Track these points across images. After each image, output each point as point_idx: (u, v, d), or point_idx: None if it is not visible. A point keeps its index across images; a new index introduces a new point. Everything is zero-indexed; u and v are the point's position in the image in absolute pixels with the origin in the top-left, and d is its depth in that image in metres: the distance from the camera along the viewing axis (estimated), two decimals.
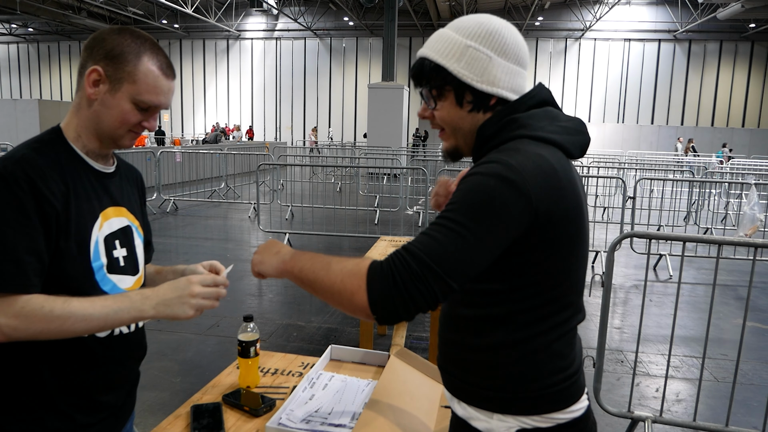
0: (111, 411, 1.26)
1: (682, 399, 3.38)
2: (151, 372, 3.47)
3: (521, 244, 0.95)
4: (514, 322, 1.01)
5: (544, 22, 28.40)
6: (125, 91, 1.13)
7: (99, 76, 1.12)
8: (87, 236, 1.14)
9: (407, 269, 0.90)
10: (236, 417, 1.41)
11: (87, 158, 1.19)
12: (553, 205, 0.94)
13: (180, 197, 10.80)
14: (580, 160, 14.16)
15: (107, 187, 1.22)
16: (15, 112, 17.96)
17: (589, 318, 4.73)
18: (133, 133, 1.19)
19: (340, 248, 7.35)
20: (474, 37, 1.03)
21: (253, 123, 32.16)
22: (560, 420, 1.03)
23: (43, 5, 25.27)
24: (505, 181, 0.91)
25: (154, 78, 1.14)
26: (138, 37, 1.15)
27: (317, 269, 1.00)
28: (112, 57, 1.12)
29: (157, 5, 27.62)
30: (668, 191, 9.56)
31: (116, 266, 1.21)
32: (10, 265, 1.02)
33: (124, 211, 1.27)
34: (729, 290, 5.80)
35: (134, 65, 1.12)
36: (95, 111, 1.14)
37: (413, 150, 17.50)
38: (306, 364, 1.75)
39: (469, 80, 1.02)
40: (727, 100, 28.30)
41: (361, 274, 0.94)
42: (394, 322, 0.93)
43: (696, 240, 2.84)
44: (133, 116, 1.15)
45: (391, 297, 0.91)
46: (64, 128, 1.18)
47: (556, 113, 1.06)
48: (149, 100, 1.15)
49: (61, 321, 1.05)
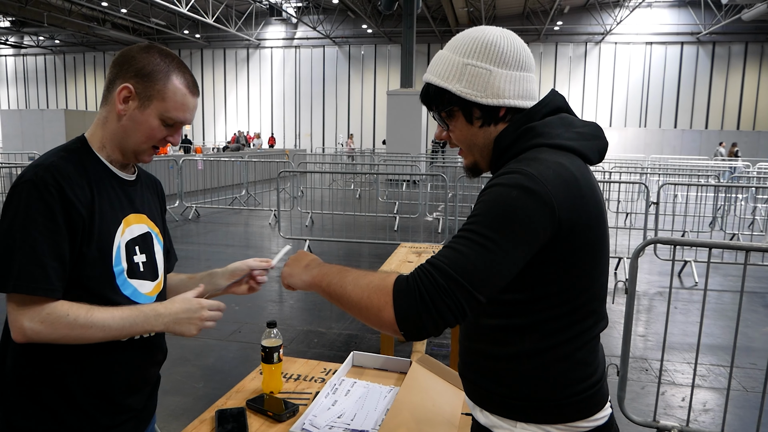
0: (133, 413, 1.29)
1: (709, 409, 3.30)
2: (174, 377, 3.51)
3: (545, 253, 0.95)
4: (537, 332, 1.00)
5: (564, 27, 28.20)
6: (154, 108, 1.18)
7: (129, 93, 1.17)
8: (110, 241, 1.18)
9: (433, 284, 0.89)
10: (260, 422, 1.43)
11: (111, 166, 1.23)
12: (576, 213, 0.94)
13: (202, 204, 10.94)
14: (601, 166, 14.03)
15: (129, 194, 1.27)
16: (42, 121, 18.42)
17: (612, 325, 4.66)
18: (154, 149, 1.24)
19: (359, 255, 7.37)
20: (470, 54, 1.03)
21: (272, 130, 32.49)
22: (584, 428, 1.02)
23: (69, 18, 25.93)
24: (527, 192, 0.91)
25: (182, 96, 1.20)
26: (166, 56, 1.20)
27: (344, 284, 1.00)
28: (142, 75, 1.17)
29: (179, 16, 28.12)
30: (693, 196, 9.38)
31: (136, 271, 1.25)
32: (38, 270, 1.06)
33: (145, 218, 1.30)
34: (757, 297, 5.67)
35: (163, 84, 1.18)
36: (123, 126, 1.19)
37: (432, 156, 17.48)
38: (328, 370, 1.76)
39: (473, 98, 1.03)
40: (753, 102, 27.72)
41: (387, 290, 0.93)
42: (421, 337, 0.91)
43: (722, 246, 2.78)
44: (159, 132, 1.21)
45: (418, 312, 0.89)
46: (89, 138, 1.23)
47: (571, 119, 1.05)
48: (176, 117, 1.20)
49: (83, 330, 1.10)
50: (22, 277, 1.05)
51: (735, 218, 9.05)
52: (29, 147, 17.78)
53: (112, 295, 1.18)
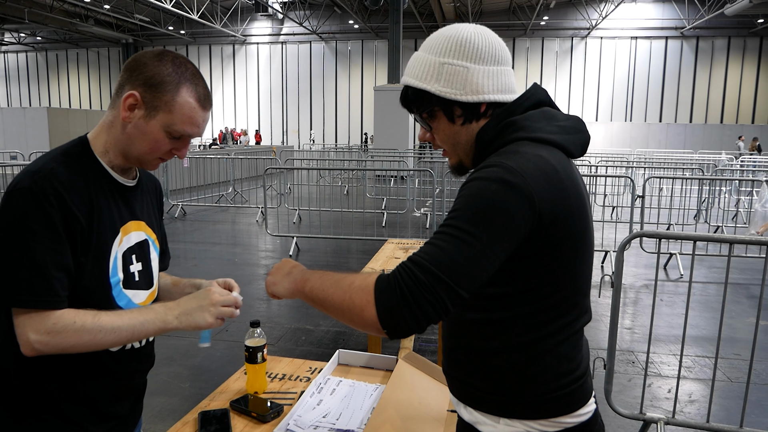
0: (119, 420, 1.26)
1: (695, 400, 3.34)
2: (160, 378, 3.47)
3: (526, 247, 0.94)
4: (520, 326, 1.00)
5: (550, 22, 28.31)
6: (160, 119, 1.12)
7: (136, 101, 1.11)
8: (107, 252, 1.15)
9: (414, 281, 0.88)
10: (244, 423, 1.41)
11: (112, 172, 1.19)
12: (557, 206, 0.93)
13: (188, 202, 10.85)
14: (587, 160, 14.09)
15: (129, 200, 1.23)
16: (24, 119, 18.14)
17: (599, 319, 4.69)
18: (160, 159, 1.19)
19: (348, 251, 7.35)
20: (445, 53, 1.02)
21: (259, 127, 32.31)
22: (568, 424, 1.02)
23: (50, 14, 25.52)
24: (506, 185, 0.90)
25: (191, 109, 1.14)
26: (179, 65, 1.14)
27: (326, 287, 1.00)
28: (151, 84, 1.11)
29: (163, 12, 27.80)
30: (678, 189, 9.47)
31: (132, 281, 1.22)
32: (41, 282, 1.02)
33: (143, 225, 1.27)
34: (741, 289, 5.74)
35: (172, 95, 1.12)
36: (128, 134, 1.14)
37: (420, 152, 17.48)
38: (314, 369, 1.74)
39: (453, 96, 1.02)
40: (736, 96, 28.07)
41: (368, 289, 0.92)
42: (405, 335, 0.91)
43: (707, 239, 2.80)
44: (164, 144, 1.15)
45: (400, 310, 0.88)
46: (91, 141, 1.17)
47: (553, 113, 1.05)
48: (183, 130, 1.14)
49: (91, 335, 1.07)
50: (24, 291, 1.01)
51: (719, 211, 9.15)
52: (11, 146, 17.51)
53: (108, 307, 1.15)
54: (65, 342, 1.05)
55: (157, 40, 32.65)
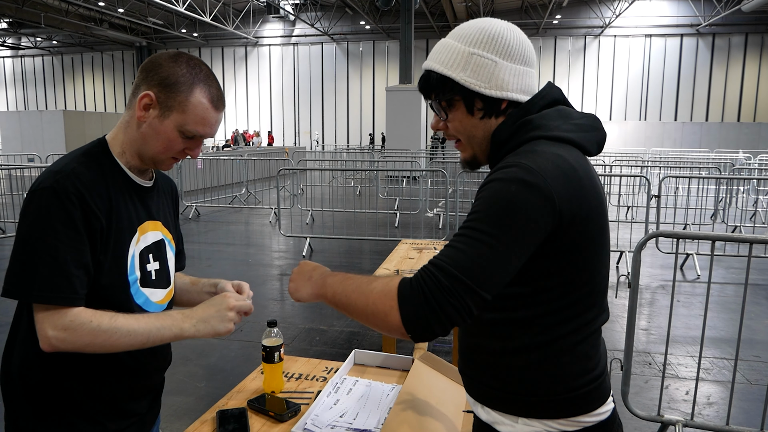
0: (137, 417, 1.28)
1: (713, 402, 3.29)
2: (176, 377, 3.50)
3: (546, 246, 0.94)
4: (538, 325, 0.99)
5: (563, 20, 28.10)
6: (173, 119, 1.15)
7: (151, 101, 1.14)
8: (125, 250, 1.17)
9: (437, 284, 0.88)
10: (261, 422, 1.41)
11: (130, 173, 1.22)
12: (576, 205, 0.93)
13: (202, 203, 10.93)
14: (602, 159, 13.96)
15: (145, 201, 1.26)
16: (41, 123, 18.41)
17: (615, 320, 4.65)
18: (174, 159, 1.22)
19: (360, 252, 7.35)
20: (477, 44, 1.01)
21: (272, 128, 32.44)
22: (587, 423, 1.01)
23: (66, 18, 25.87)
24: (526, 185, 0.89)
25: (204, 110, 1.16)
26: (194, 66, 1.17)
27: (349, 292, 1.00)
28: (166, 85, 1.14)
29: (176, 15, 28.06)
30: (694, 189, 9.36)
31: (149, 280, 1.24)
32: (61, 279, 1.05)
33: (160, 225, 1.30)
34: (760, 290, 5.65)
35: (186, 96, 1.15)
36: (142, 133, 1.17)
37: (432, 152, 17.45)
38: (330, 369, 1.75)
39: (477, 87, 1.01)
40: (754, 94, 27.63)
41: (391, 294, 0.92)
42: (429, 338, 0.91)
43: (726, 239, 2.76)
44: (177, 144, 1.18)
45: (425, 314, 0.88)
46: (110, 142, 1.21)
47: (568, 111, 1.04)
48: (195, 131, 1.17)
49: (107, 336, 1.08)
50: (44, 287, 1.04)
51: (736, 210, 9.02)
52: (28, 149, 17.78)
53: (126, 304, 1.18)
54: (80, 340, 1.06)
55: (170, 42, 32.94)
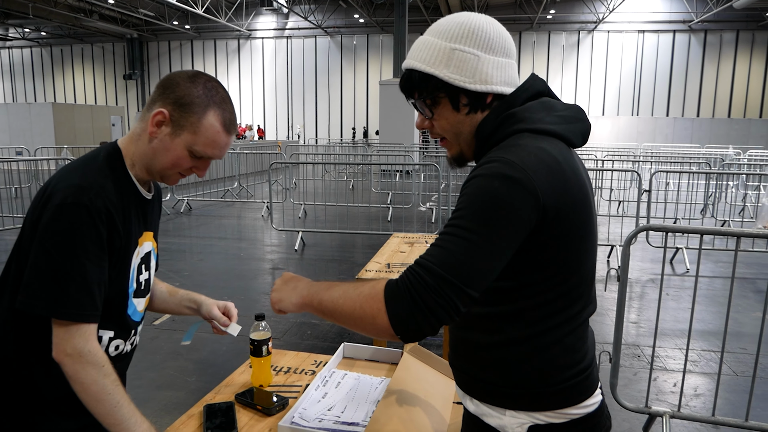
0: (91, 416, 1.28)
1: (700, 394, 3.33)
2: (167, 372, 3.49)
3: (531, 240, 0.94)
4: (525, 318, 1.00)
5: (557, 15, 28.11)
6: (184, 138, 1.17)
7: (164, 118, 1.16)
8: (129, 263, 1.21)
9: (423, 284, 0.88)
10: (249, 416, 1.41)
11: (138, 185, 1.24)
12: (560, 198, 0.93)
13: (193, 197, 10.88)
14: (594, 154, 13.99)
15: (146, 213, 1.28)
16: (30, 115, 18.22)
17: (604, 313, 4.68)
18: (180, 175, 1.24)
19: (353, 246, 7.35)
20: (457, 39, 1.00)
21: (265, 122, 32.30)
22: (574, 415, 1.01)
23: (54, 9, 25.56)
24: (509, 180, 0.89)
25: (215, 133, 1.18)
26: (210, 89, 1.18)
27: (335, 298, 1.00)
28: (181, 104, 1.15)
29: (167, 6, 27.79)
30: (684, 184, 9.42)
31: (140, 290, 1.27)
32: (86, 297, 1.08)
33: (150, 236, 1.32)
34: (747, 283, 5.71)
35: (198, 117, 1.16)
36: (153, 147, 1.19)
37: (425, 146, 17.45)
38: (319, 363, 1.75)
39: (462, 83, 1.00)
40: (744, 90, 27.81)
41: (378, 297, 0.92)
42: (419, 338, 0.91)
43: (714, 232, 2.79)
44: (185, 162, 1.20)
45: (413, 315, 0.89)
46: (123, 152, 1.22)
47: (552, 103, 1.04)
48: (204, 152, 1.19)
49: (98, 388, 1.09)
50: (71, 305, 1.06)
51: (726, 205, 9.10)
52: (17, 141, 17.60)
53: (119, 316, 1.20)
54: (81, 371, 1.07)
55: (161, 34, 32.66)
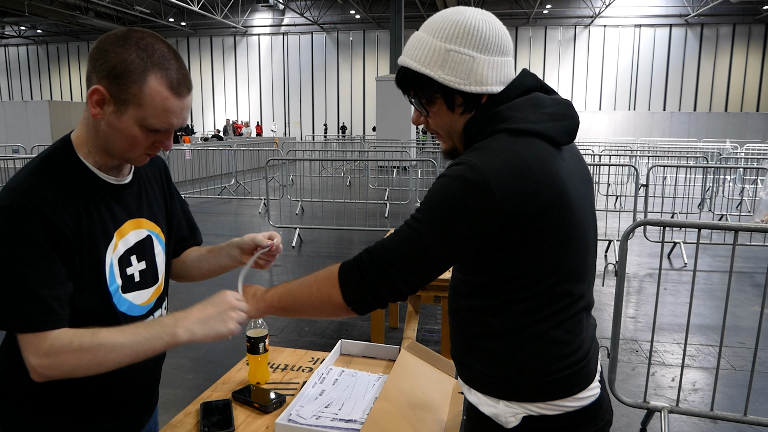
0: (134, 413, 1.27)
1: (698, 388, 3.33)
2: (164, 369, 3.45)
3: (498, 241, 0.96)
4: (508, 312, 1.01)
5: (553, 10, 28.07)
6: (131, 114, 1.01)
7: (102, 96, 1.00)
8: (101, 261, 1.09)
9: (372, 265, 0.99)
10: (246, 414, 1.40)
11: (100, 173, 1.10)
12: (525, 200, 0.93)
13: (190, 194, 10.85)
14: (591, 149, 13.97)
15: (124, 200, 1.15)
16: (26, 113, 18.14)
17: (602, 308, 4.68)
18: (147, 154, 1.10)
19: (350, 242, 7.34)
20: (453, 39, 0.99)
21: (261, 118, 32.23)
22: (568, 408, 1.02)
23: (50, 6, 25.43)
24: (466, 182, 0.92)
25: (162, 100, 1.01)
26: (145, 48, 1.00)
27: (293, 290, 1.08)
28: (115, 75, 0.99)
29: (163, 3, 27.68)
30: (682, 178, 9.43)
31: (131, 283, 1.16)
32: (32, 304, 0.97)
33: (144, 222, 1.20)
34: (745, 277, 5.72)
35: (139, 86, 0.99)
36: (103, 131, 1.04)
37: (422, 142, 17.42)
38: (316, 359, 1.74)
39: (457, 85, 1.00)
40: (741, 84, 27.84)
41: (333, 276, 1.03)
42: (369, 311, 1.03)
43: (711, 227, 2.78)
44: (143, 139, 1.05)
45: (362, 291, 1.00)
46: (75, 142, 1.09)
47: (540, 99, 1.03)
48: (159, 124, 1.03)
49: (91, 354, 1.00)
50: (14, 314, 0.97)
51: (723, 199, 9.11)
52: (13, 140, 17.52)
53: (109, 316, 1.10)
54: (65, 363, 0.99)
55: (158, 32, 32.16)
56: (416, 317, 3.30)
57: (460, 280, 1.08)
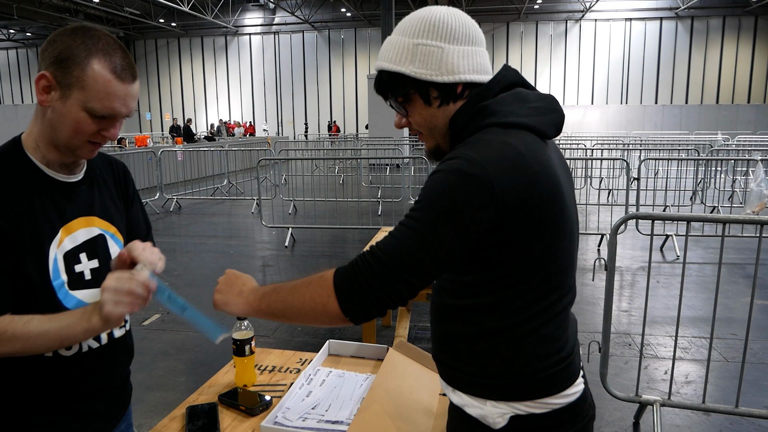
0: (97, 416, 1.24)
1: (691, 381, 3.34)
2: (156, 372, 3.46)
3: (496, 236, 0.94)
4: (501, 310, 1.00)
5: (544, 5, 28.08)
6: (75, 98, 1.04)
7: (48, 82, 1.04)
8: (44, 255, 1.09)
9: (369, 270, 0.94)
10: (232, 417, 1.39)
11: (47, 170, 1.12)
12: (524, 192, 0.93)
13: (183, 196, 10.80)
14: (583, 143, 14.00)
15: (72, 197, 1.16)
16: (16, 117, 18.03)
17: (594, 302, 4.69)
18: (92, 144, 1.10)
19: (344, 241, 7.33)
20: (419, 34, 1.01)
21: (254, 118, 32.12)
22: (555, 405, 1.01)
23: (39, 9, 25.23)
24: (465, 176, 0.91)
25: (105, 83, 1.03)
26: (91, 37, 1.04)
27: (284, 298, 1.03)
28: (60, 60, 1.02)
29: (153, 4, 27.51)
30: (673, 171, 9.46)
31: (80, 281, 1.16)
32: None
33: (96, 220, 1.20)
34: (737, 269, 5.74)
35: (82, 69, 1.02)
36: (49, 119, 1.07)
37: (415, 139, 17.41)
38: (304, 360, 1.73)
39: (429, 77, 1.01)
40: (731, 76, 27.95)
41: (327, 284, 0.98)
42: (367, 320, 0.97)
43: (701, 219, 2.79)
44: (87, 125, 1.06)
45: (360, 299, 0.95)
46: (24, 138, 1.12)
47: (525, 94, 1.04)
48: (100, 108, 1.05)
49: (23, 341, 1.03)
50: None
51: (715, 191, 9.14)
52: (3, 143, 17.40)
53: (53, 310, 1.10)
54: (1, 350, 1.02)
55: (148, 33, 32.35)
56: (408, 315, 3.29)
57: (447, 280, 1.06)
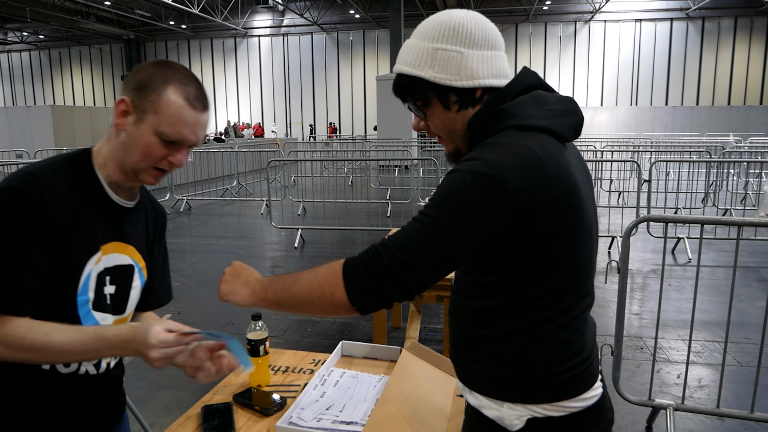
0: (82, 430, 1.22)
1: (704, 385, 3.31)
2: (168, 372, 3.47)
3: (512, 238, 0.94)
4: (517, 312, 0.99)
5: (553, 6, 27.99)
6: (149, 122, 1.09)
7: (126, 106, 1.10)
8: (80, 268, 1.11)
9: (379, 261, 0.95)
10: (247, 417, 1.40)
11: (108, 188, 1.16)
12: (539, 195, 0.92)
13: (193, 197, 10.87)
14: (593, 145, 13.94)
15: (119, 221, 1.19)
16: (29, 118, 18.19)
17: (606, 305, 4.66)
18: (156, 170, 1.14)
19: (353, 242, 7.34)
20: (439, 39, 1.01)
21: (263, 119, 32.24)
22: (573, 408, 1.00)
23: (52, 12, 25.51)
24: (481, 177, 0.91)
25: (178, 109, 1.09)
26: (170, 68, 1.11)
27: (290, 286, 1.04)
28: (140, 87, 1.09)
29: (163, 6, 27.73)
30: (685, 173, 9.38)
31: (102, 303, 1.17)
32: (12, 286, 1.01)
33: (131, 250, 1.23)
34: (751, 272, 5.68)
35: (158, 95, 1.09)
36: (122, 142, 1.12)
37: (424, 141, 17.40)
38: (317, 361, 1.73)
39: (448, 81, 1.01)
40: (743, 77, 27.70)
41: (336, 273, 0.99)
42: (373, 310, 0.99)
43: (714, 222, 2.76)
44: (156, 149, 1.11)
45: (367, 289, 0.96)
46: (94, 153, 1.17)
47: (544, 96, 1.03)
48: (171, 132, 1.10)
49: (41, 354, 1.04)
50: None
51: (727, 194, 9.06)
52: (17, 144, 17.58)
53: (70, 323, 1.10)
54: (16, 355, 1.03)
55: (158, 35, 32.60)
56: (419, 317, 3.29)
57: (464, 282, 1.06)
